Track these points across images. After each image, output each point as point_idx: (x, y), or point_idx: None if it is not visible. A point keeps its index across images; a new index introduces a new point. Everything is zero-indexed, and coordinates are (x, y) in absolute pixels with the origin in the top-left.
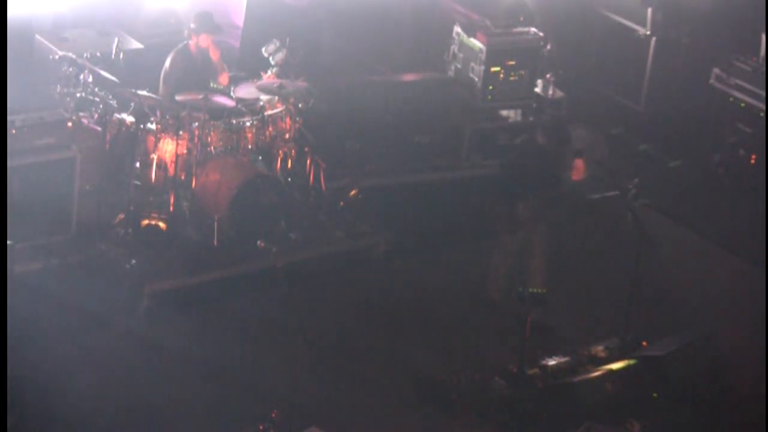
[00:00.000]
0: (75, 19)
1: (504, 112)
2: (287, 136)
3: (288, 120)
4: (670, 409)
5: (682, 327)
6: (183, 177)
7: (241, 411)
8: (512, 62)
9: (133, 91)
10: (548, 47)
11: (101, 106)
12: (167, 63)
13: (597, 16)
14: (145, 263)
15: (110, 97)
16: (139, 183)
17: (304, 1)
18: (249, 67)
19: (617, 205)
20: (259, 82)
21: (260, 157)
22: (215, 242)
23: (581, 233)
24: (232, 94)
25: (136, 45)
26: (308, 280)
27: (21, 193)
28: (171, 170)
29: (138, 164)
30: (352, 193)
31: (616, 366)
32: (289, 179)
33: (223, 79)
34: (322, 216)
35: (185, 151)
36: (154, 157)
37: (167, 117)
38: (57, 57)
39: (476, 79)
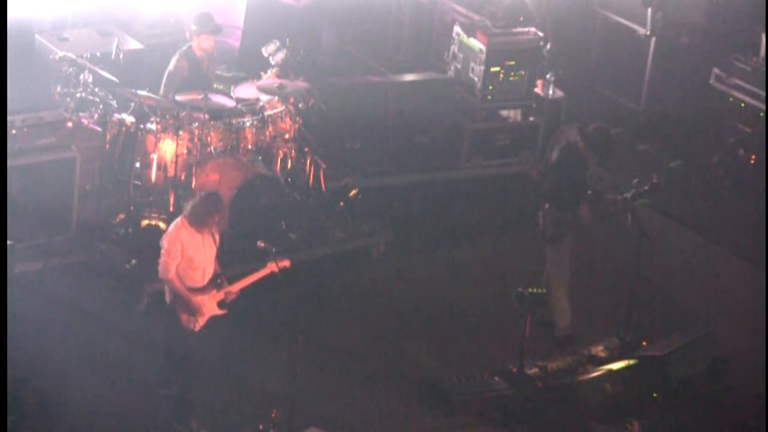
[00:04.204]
0: (75, 20)
1: (504, 112)
2: (287, 136)
3: (288, 120)
4: (670, 409)
5: (682, 327)
6: (183, 177)
7: (240, 411)
8: (512, 62)
9: (133, 91)
10: (548, 47)
11: (101, 106)
12: (171, 65)
13: (597, 16)
14: (145, 263)
15: (110, 97)
16: (139, 183)
17: (304, 2)
18: (249, 67)
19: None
20: (259, 82)
21: (260, 157)
22: None
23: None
24: (232, 94)
25: (135, 45)
26: (308, 280)
27: (21, 193)
28: (171, 170)
29: (138, 164)
30: (352, 193)
31: (616, 366)
32: (289, 179)
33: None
34: (322, 216)
35: (185, 151)
36: (154, 157)
37: (167, 117)
38: (57, 57)
39: (476, 79)
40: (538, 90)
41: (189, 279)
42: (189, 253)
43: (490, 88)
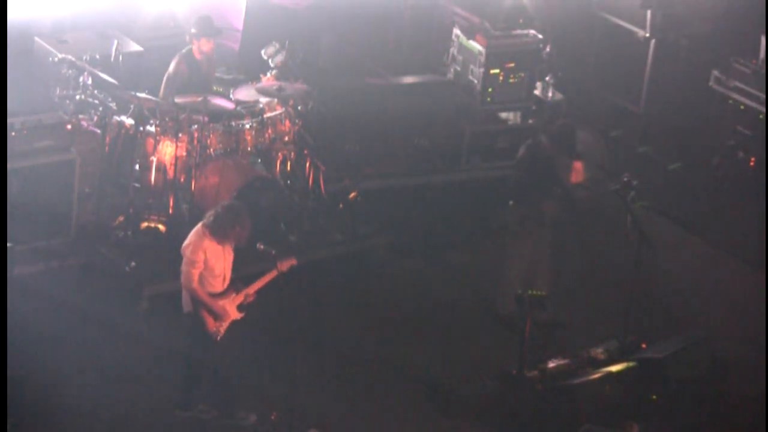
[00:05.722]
0: (74, 22)
1: (503, 115)
2: (286, 138)
3: (287, 122)
4: (669, 411)
5: (682, 329)
6: (182, 179)
7: (240, 412)
8: (511, 64)
9: (133, 93)
10: (547, 49)
11: (100, 108)
12: (171, 67)
13: (596, 19)
14: (145, 265)
15: (109, 99)
16: (138, 185)
17: (304, 4)
18: (248, 69)
19: (617, 206)
20: (259, 85)
21: (259, 160)
22: None
23: (581, 234)
24: (231, 96)
25: (135, 47)
26: (307, 282)
27: (21, 195)
28: (170, 173)
29: (137, 167)
30: (352, 195)
31: (615, 368)
32: (289, 182)
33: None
34: (322, 218)
35: (184, 154)
36: (154, 159)
37: (167, 119)
38: (56, 59)
39: (475, 81)
40: (537, 92)
41: (210, 286)
42: (211, 262)
43: (490, 90)
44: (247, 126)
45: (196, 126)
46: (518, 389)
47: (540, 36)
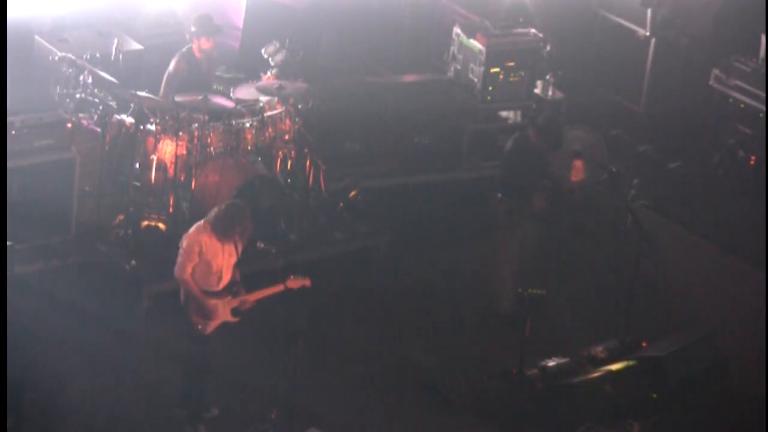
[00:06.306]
0: (74, 20)
1: (504, 113)
2: (287, 137)
3: (287, 121)
4: (670, 410)
5: (682, 327)
6: (182, 178)
7: (240, 412)
8: (512, 63)
9: (133, 92)
10: (548, 48)
11: (101, 107)
12: (171, 66)
13: (597, 17)
14: (145, 264)
15: (110, 98)
16: (138, 184)
17: (304, 3)
18: (248, 68)
19: (617, 205)
20: (259, 83)
21: (260, 158)
22: None
23: (580, 233)
24: (231, 95)
25: (135, 46)
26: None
27: (20, 194)
28: (171, 171)
29: (137, 165)
30: (352, 194)
31: (615, 367)
32: (289, 180)
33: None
34: (322, 217)
35: (185, 152)
36: (154, 158)
37: (167, 118)
38: (56, 58)
39: (476, 80)
40: (537, 91)
41: (205, 282)
42: (207, 257)
43: (490, 89)
44: (248, 125)
45: (196, 125)
46: (518, 388)
47: (540, 35)
